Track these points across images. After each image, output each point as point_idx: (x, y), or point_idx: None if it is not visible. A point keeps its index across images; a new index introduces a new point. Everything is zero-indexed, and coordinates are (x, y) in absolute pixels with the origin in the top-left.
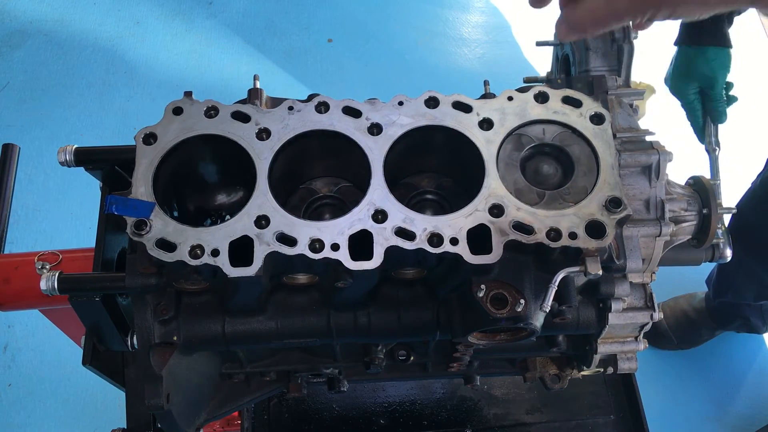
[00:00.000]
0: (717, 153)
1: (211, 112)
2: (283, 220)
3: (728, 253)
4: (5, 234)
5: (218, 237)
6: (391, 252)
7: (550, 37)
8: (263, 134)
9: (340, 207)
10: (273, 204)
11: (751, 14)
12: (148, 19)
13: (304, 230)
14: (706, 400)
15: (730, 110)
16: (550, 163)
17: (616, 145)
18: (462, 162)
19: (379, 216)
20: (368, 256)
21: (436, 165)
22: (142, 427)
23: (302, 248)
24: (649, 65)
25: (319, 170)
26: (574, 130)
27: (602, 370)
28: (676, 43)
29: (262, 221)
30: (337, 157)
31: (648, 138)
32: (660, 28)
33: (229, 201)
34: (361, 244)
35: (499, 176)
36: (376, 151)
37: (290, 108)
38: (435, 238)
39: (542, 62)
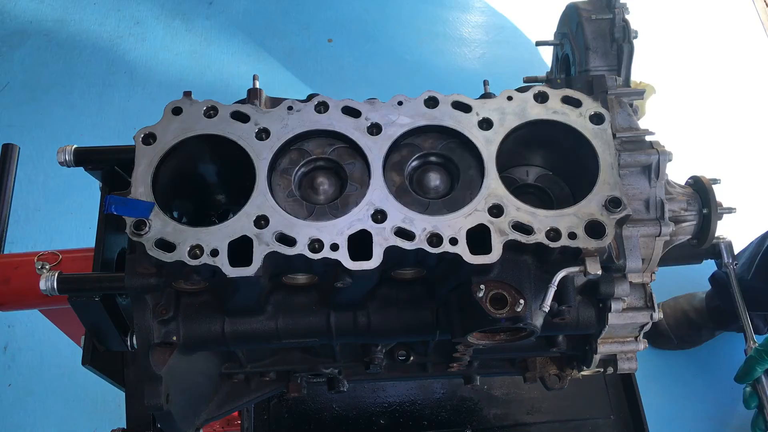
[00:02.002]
0: None
1: (211, 112)
2: (282, 220)
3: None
4: (5, 234)
5: (217, 237)
6: (391, 252)
7: (550, 37)
8: (263, 134)
9: (336, 171)
10: (272, 204)
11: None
12: (148, 19)
13: (303, 230)
14: (706, 400)
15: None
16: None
17: (616, 145)
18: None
19: (379, 216)
20: (368, 256)
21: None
22: (142, 427)
23: (301, 248)
24: (650, 65)
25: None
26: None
27: (602, 370)
28: None
29: (261, 221)
30: None
31: (648, 138)
32: (661, 27)
33: (229, 201)
34: (360, 244)
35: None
36: (376, 151)
37: (289, 108)
38: (434, 238)
39: (542, 62)
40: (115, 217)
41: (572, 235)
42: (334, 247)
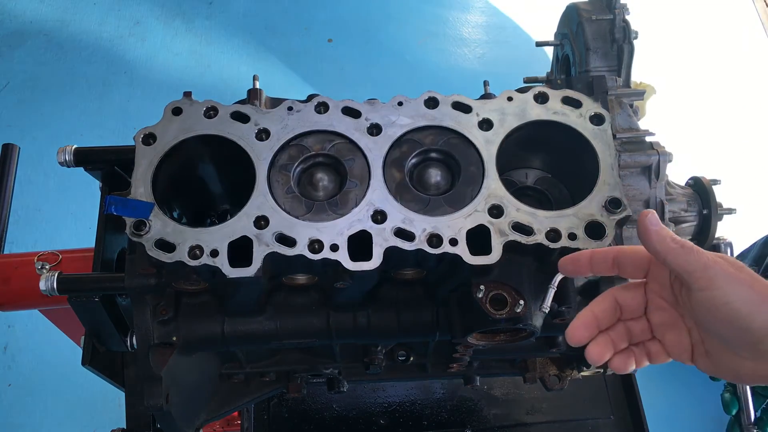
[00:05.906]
0: None
1: (211, 112)
2: (282, 221)
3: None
4: (5, 234)
5: (217, 237)
6: (391, 252)
7: (550, 37)
8: (262, 135)
9: (335, 167)
10: (272, 204)
11: None
12: (148, 19)
13: (303, 231)
14: (707, 400)
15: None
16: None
17: (616, 145)
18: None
19: (379, 216)
20: (367, 256)
21: None
22: (142, 427)
23: (301, 249)
24: (650, 65)
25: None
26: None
27: (602, 370)
28: None
29: (261, 222)
30: None
31: (648, 138)
32: (661, 28)
33: (228, 201)
34: (360, 245)
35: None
36: (376, 151)
37: (290, 108)
38: (434, 239)
39: (542, 63)
40: (115, 217)
41: (572, 236)
42: (334, 248)
